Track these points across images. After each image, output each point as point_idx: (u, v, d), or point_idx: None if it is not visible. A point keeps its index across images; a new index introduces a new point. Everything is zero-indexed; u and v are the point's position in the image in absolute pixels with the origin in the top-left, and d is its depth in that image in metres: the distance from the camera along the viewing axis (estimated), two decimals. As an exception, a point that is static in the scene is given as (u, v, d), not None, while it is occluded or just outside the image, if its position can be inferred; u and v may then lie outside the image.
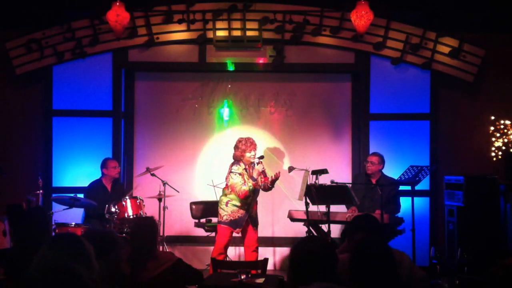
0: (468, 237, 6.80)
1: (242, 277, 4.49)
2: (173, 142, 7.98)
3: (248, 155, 6.34)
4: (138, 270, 3.97)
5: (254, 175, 6.35)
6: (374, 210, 6.47)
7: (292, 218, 6.66)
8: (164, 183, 7.06)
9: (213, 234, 6.95)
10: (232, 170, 6.32)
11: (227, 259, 6.60)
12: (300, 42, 7.59)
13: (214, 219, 6.98)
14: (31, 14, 7.56)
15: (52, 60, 7.54)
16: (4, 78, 7.66)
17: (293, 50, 7.65)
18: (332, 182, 6.07)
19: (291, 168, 6.37)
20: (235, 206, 6.30)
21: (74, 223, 6.37)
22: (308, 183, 6.01)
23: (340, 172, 7.57)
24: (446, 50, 7.52)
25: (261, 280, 4.61)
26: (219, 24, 7.55)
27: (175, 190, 7.20)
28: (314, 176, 5.98)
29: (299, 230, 6.80)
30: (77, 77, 7.64)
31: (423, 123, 7.67)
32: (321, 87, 8.03)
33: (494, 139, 7.64)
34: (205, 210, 7.41)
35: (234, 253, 7.50)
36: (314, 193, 5.98)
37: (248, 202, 6.32)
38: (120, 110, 7.74)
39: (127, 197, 6.80)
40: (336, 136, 7.98)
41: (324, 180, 6.06)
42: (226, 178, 6.42)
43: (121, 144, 7.75)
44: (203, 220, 7.36)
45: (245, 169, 6.35)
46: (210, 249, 6.72)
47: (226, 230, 6.31)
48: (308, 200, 6.11)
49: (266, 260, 5.00)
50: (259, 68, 7.80)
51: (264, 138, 7.81)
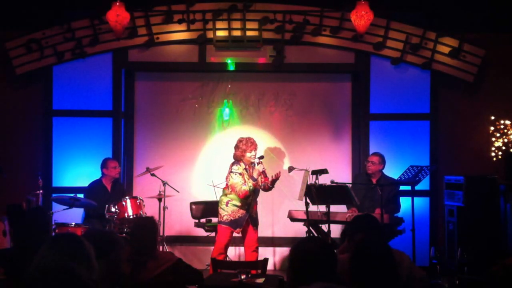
0: (468, 237, 6.81)
1: (242, 277, 4.50)
2: (173, 142, 7.98)
3: (249, 155, 6.35)
4: (138, 270, 3.98)
5: (255, 175, 6.35)
6: (374, 210, 6.47)
7: (292, 218, 6.65)
8: (164, 183, 7.06)
9: (213, 234, 6.95)
10: (232, 170, 6.32)
11: (227, 259, 6.60)
12: (300, 42, 7.59)
13: (214, 219, 6.98)
14: (31, 14, 7.56)
15: (52, 60, 7.54)
16: (4, 78, 7.66)
17: (293, 50, 7.65)
18: (332, 182, 6.07)
19: (291, 168, 6.37)
20: (235, 206, 6.31)
21: (74, 223, 6.37)
22: (308, 183, 6.00)
23: (340, 172, 7.57)
24: (446, 50, 7.52)
25: (261, 280, 4.61)
26: (219, 24, 7.55)
27: (175, 190, 7.21)
28: (314, 176, 5.98)
29: (299, 230, 6.80)
30: (77, 77, 7.64)
31: (423, 123, 7.68)
32: (321, 87, 8.03)
33: (494, 139, 7.65)
34: (205, 210, 7.42)
35: (234, 253, 7.50)
36: (314, 193, 5.97)
37: (248, 202, 6.32)
38: (120, 110, 7.75)
39: (127, 197, 6.81)
40: (336, 136, 7.98)
41: (324, 180, 6.06)
42: (226, 178, 6.42)
43: (121, 144, 7.75)
44: (203, 220, 7.36)
45: (245, 169, 6.36)
46: (210, 249, 6.72)
47: (226, 230, 6.31)
48: (308, 200, 6.11)
49: (266, 260, 5.00)
50: (259, 68, 7.80)
51: (264, 138, 7.80)
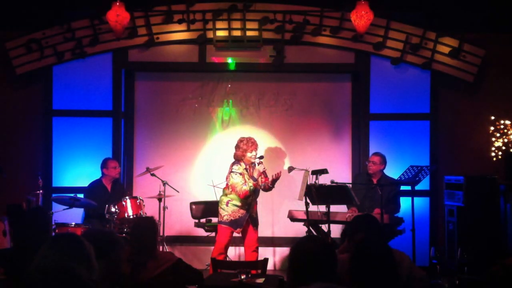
0: (468, 237, 6.81)
1: (242, 277, 4.50)
2: (173, 142, 7.98)
3: (249, 155, 6.35)
4: (138, 270, 3.98)
5: (255, 175, 6.35)
6: (374, 210, 6.47)
7: (292, 218, 6.65)
8: (164, 183, 7.06)
9: (213, 234, 6.95)
10: (232, 170, 6.32)
11: (227, 259, 6.60)
12: (300, 42, 7.58)
13: (214, 219, 6.98)
14: (31, 14, 7.55)
15: (52, 60, 7.54)
16: (4, 78, 7.65)
17: (293, 50, 7.65)
18: (332, 182, 6.07)
19: (291, 168, 6.37)
20: (235, 206, 6.30)
21: (74, 223, 6.36)
22: (308, 183, 6.00)
23: (340, 172, 7.56)
24: (446, 50, 7.52)
25: (261, 280, 4.61)
26: (219, 24, 7.55)
27: (175, 190, 7.20)
28: (314, 176, 5.98)
29: (299, 230, 6.79)
30: (77, 77, 7.64)
31: (423, 123, 7.67)
32: (321, 87, 8.03)
33: (494, 139, 7.64)
34: (205, 210, 7.41)
35: (234, 253, 7.50)
36: (314, 193, 5.97)
37: (248, 202, 6.32)
38: (120, 110, 7.74)
39: (127, 197, 6.81)
40: (336, 136, 7.98)
41: (324, 180, 6.06)
42: (227, 178, 6.42)
43: (121, 144, 7.75)
44: (203, 220, 7.36)
45: (245, 169, 6.36)
46: (210, 249, 6.72)
47: (226, 230, 6.31)
48: (308, 200, 6.11)
49: (266, 260, 5.00)
50: (259, 68, 7.80)
51: (264, 138, 7.80)
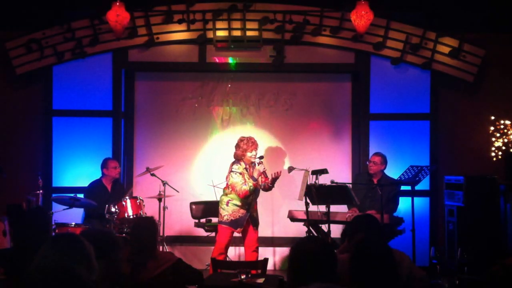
0: (468, 237, 6.81)
1: (242, 277, 4.50)
2: (173, 142, 7.98)
3: (249, 155, 6.35)
4: (138, 270, 3.98)
5: (255, 175, 6.35)
6: (374, 210, 6.46)
7: (292, 218, 6.65)
8: (164, 183, 7.06)
9: (213, 234, 6.95)
10: (232, 169, 6.32)
11: (227, 259, 6.60)
12: (300, 42, 7.58)
13: (214, 219, 6.98)
14: (31, 14, 7.55)
15: (52, 60, 7.54)
16: (4, 78, 7.65)
17: (293, 50, 7.65)
18: (332, 182, 6.07)
19: (291, 168, 6.36)
20: (235, 205, 6.30)
21: (74, 223, 6.36)
22: (308, 183, 6.00)
23: (340, 172, 7.56)
24: (446, 50, 7.52)
25: (261, 280, 4.61)
26: (219, 24, 7.55)
27: (175, 190, 7.20)
28: (314, 176, 5.98)
29: (299, 230, 6.80)
30: (77, 77, 7.64)
31: (423, 123, 7.67)
32: (321, 87, 8.03)
33: (494, 139, 7.64)
34: (205, 210, 7.42)
35: (234, 253, 7.50)
36: (314, 193, 5.97)
37: (248, 201, 6.32)
38: (120, 110, 7.74)
39: (127, 197, 6.81)
40: (336, 136, 7.98)
41: (324, 180, 6.06)
42: (227, 178, 6.42)
43: (121, 144, 7.75)
44: (203, 220, 7.36)
45: (245, 168, 6.36)
46: (210, 249, 6.72)
47: (226, 230, 6.31)
48: (308, 200, 6.11)
49: (266, 260, 5.00)
50: (259, 68, 7.80)
51: (264, 138, 7.79)
